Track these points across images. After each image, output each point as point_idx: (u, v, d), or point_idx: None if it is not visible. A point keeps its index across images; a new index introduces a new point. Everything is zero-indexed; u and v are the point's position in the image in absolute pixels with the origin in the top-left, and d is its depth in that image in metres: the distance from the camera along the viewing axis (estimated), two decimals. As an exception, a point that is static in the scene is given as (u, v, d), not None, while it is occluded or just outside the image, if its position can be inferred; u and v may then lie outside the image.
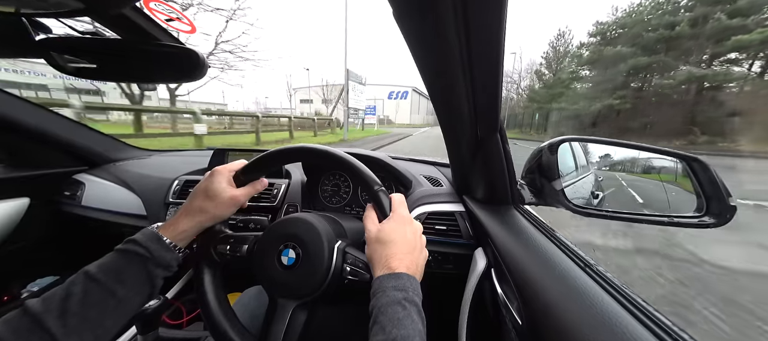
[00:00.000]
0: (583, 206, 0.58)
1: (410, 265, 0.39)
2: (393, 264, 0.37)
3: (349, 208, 0.92)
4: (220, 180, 0.46)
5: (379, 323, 0.32)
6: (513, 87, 35.14)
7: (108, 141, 1.17)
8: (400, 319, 0.32)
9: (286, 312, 0.41)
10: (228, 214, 0.46)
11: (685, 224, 0.53)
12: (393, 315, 0.32)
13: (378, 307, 0.33)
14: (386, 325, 0.32)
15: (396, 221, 0.42)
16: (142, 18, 0.45)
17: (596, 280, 0.37)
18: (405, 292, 0.34)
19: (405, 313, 0.33)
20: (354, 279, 0.42)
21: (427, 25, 0.33)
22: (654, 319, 0.29)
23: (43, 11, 0.40)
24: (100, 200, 0.99)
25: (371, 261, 0.40)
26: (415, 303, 0.34)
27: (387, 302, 0.33)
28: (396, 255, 0.38)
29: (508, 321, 0.45)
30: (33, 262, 1.02)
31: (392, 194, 0.46)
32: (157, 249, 0.39)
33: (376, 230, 0.41)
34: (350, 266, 0.42)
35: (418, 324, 0.33)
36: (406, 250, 0.40)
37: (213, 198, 0.44)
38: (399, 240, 0.40)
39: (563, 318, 0.33)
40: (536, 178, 0.62)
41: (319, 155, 0.48)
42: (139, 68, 0.51)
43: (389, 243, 0.39)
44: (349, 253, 0.44)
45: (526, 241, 0.49)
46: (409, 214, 0.45)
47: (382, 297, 0.34)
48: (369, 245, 0.41)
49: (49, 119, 0.96)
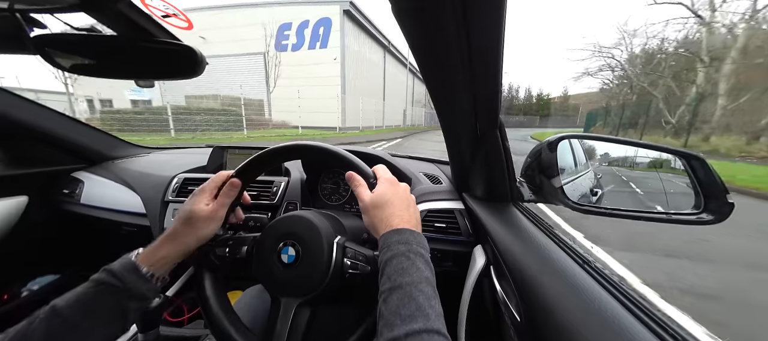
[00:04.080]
0: (582, 203, 0.58)
1: (410, 220, 0.40)
2: (394, 222, 0.39)
3: (348, 206, 0.92)
4: (198, 200, 0.44)
5: (385, 274, 0.34)
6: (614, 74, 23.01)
7: (107, 138, 1.16)
8: (405, 268, 0.34)
9: (289, 311, 0.41)
10: (210, 233, 0.44)
11: (683, 221, 0.53)
12: (398, 265, 0.34)
13: (384, 261, 0.35)
14: (392, 275, 0.33)
15: (386, 184, 0.44)
16: (138, 14, 0.44)
17: (595, 277, 0.37)
18: (408, 245, 0.36)
19: (409, 262, 0.34)
20: (355, 272, 0.42)
21: (427, 22, 0.33)
22: (652, 316, 0.30)
23: (38, 7, 0.39)
24: (99, 198, 0.98)
25: (372, 225, 0.41)
26: (419, 254, 0.36)
27: (392, 255, 0.35)
28: (395, 214, 0.40)
29: (507, 318, 0.45)
30: (32, 261, 1.02)
31: (374, 166, 0.47)
32: (133, 280, 0.37)
33: (371, 197, 0.42)
34: (351, 260, 0.42)
35: (423, 272, 0.34)
36: (402, 207, 0.41)
37: (190, 220, 0.43)
38: (395, 200, 0.42)
39: (562, 315, 0.33)
40: (535, 175, 0.62)
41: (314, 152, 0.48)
42: (136, 65, 0.51)
43: (386, 205, 0.41)
44: (348, 248, 0.44)
45: (525, 238, 0.49)
46: (393, 177, 0.46)
47: (387, 251, 0.36)
48: (366, 213, 0.42)
49: (47, 117, 0.96)
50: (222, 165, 1.06)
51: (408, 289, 0.32)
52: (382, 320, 0.31)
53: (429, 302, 0.31)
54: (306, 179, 0.93)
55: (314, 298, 0.42)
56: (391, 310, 0.31)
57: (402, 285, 0.32)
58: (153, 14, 0.45)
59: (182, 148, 1.41)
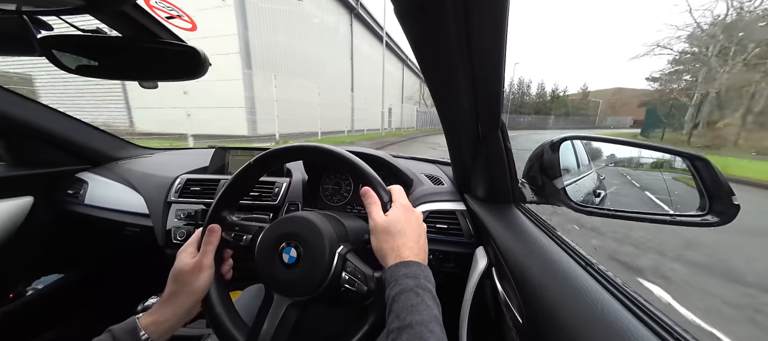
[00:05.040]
0: (585, 204, 0.58)
1: (419, 253, 0.39)
2: (404, 254, 0.38)
3: (349, 207, 0.92)
4: (182, 257, 0.44)
5: (393, 311, 0.33)
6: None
7: (110, 139, 1.17)
8: (414, 305, 0.32)
9: (280, 309, 0.42)
10: (203, 284, 0.44)
11: (688, 223, 0.53)
12: (406, 303, 0.33)
13: (392, 297, 0.34)
14: (401, 313, 0.32)
15: (401, 209, 0.42)
16: (143, 15, 0.45)
17: (597, 279, 0.37)
18: (416, 279, 0.35)
19: (418, 299, 0.33)
20: (350, 288, 0.41)
21: (428, 22, 0.33)
22: (655, 318, 0.29)
23: (45, 9, 0.40)
24: (103, 198, 0.99)
25: (381, 251, 0.40)
26: (427, 289, 0.35)
27: (400, 290, 0.34)
28: (406, 245, 0.39)
29: (509, 319, 0.45)
30: (37, 260, 1.03)
31: (391, 186, 0.46)
32: None
33: (384, 221, 0.40)
34: (349, 275, 0.42)
35: (432, 310, 0.33)
36: (414, 238, 0.40)
37: (179, 277, 0.42)
38: (407, 229, 0.40)
39: (564, 317, 0.33)
40: (537, 176, 0.61)
41: (320, 153, 0.48)
42: (140, 66, 0.51)
43: (398, 233, 0.39)
44: (349, 261, 0.43)
45: (527, 240, 0.49)
46: (409, 202, 0.45)
47: (395, 286, 0.35)
48: (377, 236, 0.40)
49: (52, 118, 0.97)
50: (224, 166, 1.06)
51: (418, 329, 0.31)
52: None
53: None
54: (307, 179, 0.93)
55: (306, 301, 0.43)
56: None
57: (412, 324, 0.31)
58: (157, 16, 0.46)
59: (185, 149, 1.42)
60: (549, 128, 41.86)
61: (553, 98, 49.70)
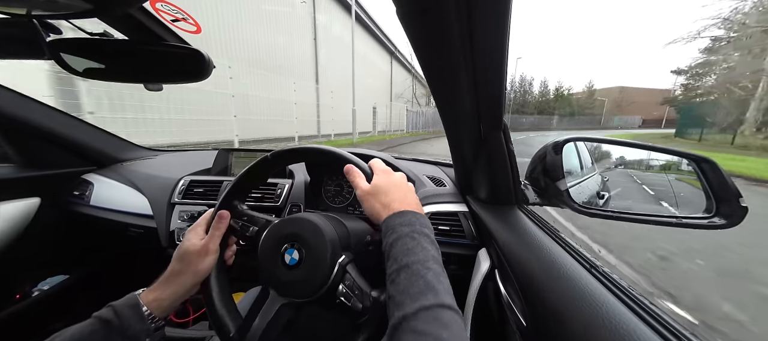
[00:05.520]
0: (588, 206, 0.57)
1: (411, 204, 0.41)
2: (395, 206, 0.39)
3: (352, 208, 0.92)
4: (190, 237, 0.44)
5: (391, 256, 0.34)
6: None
7: (115, 141, 1.19)
8: (411, 248, 0.34)
9: (274, 306, 0.43)
10: (206, 267, 0.44)
11: (694, 226, 0.52)
12: (403, 246, 0.34)
13: (389, 243, 0.35)
14: (398, 255, 0.33)
15: (382, 174, 0.44)
16: (149, 19, 0.46)
17: (602, 281, 0.36)
18: (412, 226, 0.36)
19: (414, 242, 0.34)
20: (345, 302, 0.41)
21: (431, 24, 0.33)
22: (662, 322, 0.29)
23: (54, 13, 0.41)
24: (108, 199, 1.00)
25: (373, 211, 0.41)
26: (424, 233, 0.36)
27: (396, 237, 0.35)
28: (395, 199, 0.40)
29: (513, 322, 0.44)
30: (44, 261, 1.04)
31: (370, 160, 0.47)
32: (129, 317, 0.37)
33: (369, 186, 0.42)
34: (346, 288, 0.42)
35: (429, 251, 0.34)
36: (402, 194, 0.42)
37: (184, 257, 0.43)
38: (392, 188, 0.42)
39: (569, 320, 0.32)
40: (540, 178, 0.61)
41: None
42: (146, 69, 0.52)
43: (384, 192, 0.41)
44: (348, 273, 0.43)
45: (530, 242, 0.49)
46: (389, 168, 0.46)
47: (392, 234, 0.36)
48: (366, 200, 0.42)
49: (59, 120, 0.98)
50: (227, 167, 1.07)
51: (415, 268, 0.32)
52: (392, 301, 0.31)
53: (437, 278, 0.31)
54: (310, 181, 0.93)
55: (301, 303, 0.43)
56: (399, 289, 0.31)
57: (408, 264, 0.32)
58: (163, 19, 0.47)
59: (188, 150, 1.43)
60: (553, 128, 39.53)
61: (556, 97, 46.94)
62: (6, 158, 0.95)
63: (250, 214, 0.50)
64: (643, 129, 46.85)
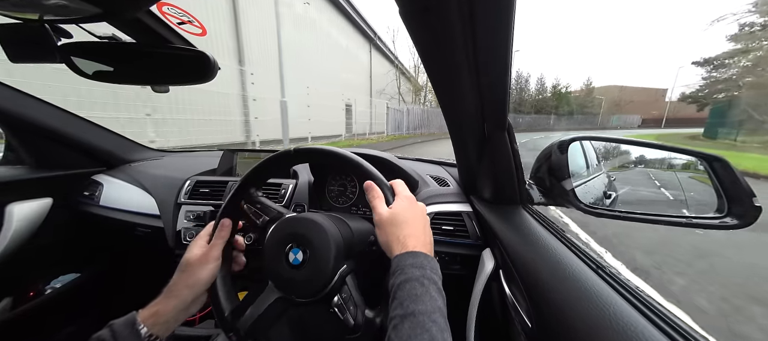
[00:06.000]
0: (595, 206, 0.56)
1: (425, 244, 0.39)
2: (410, 243, 0.38)
3: (355, 208, 0.92)
4: (192, 248, 0.44)
5: (397, 299, 0.33)
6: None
7: (124, 142, 1.21)
8: (419, 295, 0.32)
9: (269, 298, 0.44)
10: (207, 276, 0.44)
11: (705, 226, 0.51)
12: (411, 291, 0.33)
13: (397, 284, 0.34)
14: (404, 301, 0.32)
15: (404, 201, 0.42)
16: (156, 22, 0.46)
17: (609, 282, 0.36)
18: (422, 269, 0.35)
19: (423, 290, 0.33)
20: (338, 314, 0.41)
21: (433, 22, 0.33)
22: (671, 323, 0.28)
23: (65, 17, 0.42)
24: (117, 200, 1.02)
25: (386, 242, 0.40)
26: (433, 281, 0.35)
27: (405, 279, 0.34)
28: (412, 235, 0.39)
29: (517, 323, 0.44)
30: (56, 260, 1.07)
31: (392, 180, 0.46)
32: (125, 337, 0.37)
33: (388, 213, 0.41)
34: (341, 300, 0.42)
35: (436, 301, 0.33)
36: (419, 229, 0.40)
37: (184, 267, 0.43)
38: (411, 220, 0.40)
39: (575, 322, 0.32)
40: (545, 178, 0.60)
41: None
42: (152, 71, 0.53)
43: (403, 223, 0.39)
44: (346, 285, 0.43)
45: (535, 242, 0.48)
46: (412, 195, 0.45)
47: (401, 274, 0.35)
48: (382, 228, 0.40)
49: (69, 121, 1.01)
50: (232, 168, 1.08)
51: (421, 318, 0.30)
52: None
53: (442, 334, 0.30)
54: (313, 181, 0.94)
55: (295, 302, 0.44)
56: (402, 339, 0.29)
57: (415, 313, 0.31)
58: (169, 22, 0.47)
59: (194, 151, 1.46)
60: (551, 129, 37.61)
61: (554, 95, 44.76)
62: (19, 159, 0.98)
63: (263, 202, 0.50)
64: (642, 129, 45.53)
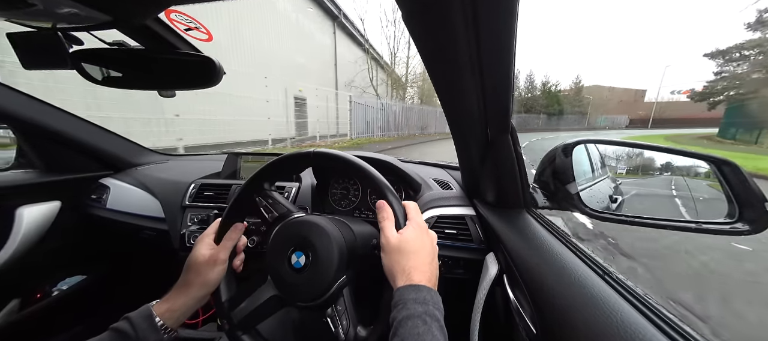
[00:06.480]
0: (600, 210, 0.55)
1: (431, 277, 0.38)
2: (415, 277, 0.36)
3: (358, 211, 0.92)
4: (199, 247, 0.45)
5: (399, 336, 0.32)
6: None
7: (130, 146, 1.23)
8: (421, 334, 0.31)
9: (264, 294, 0.44)
10: (215, 277, 0.44)
11: (715, 231, 0.50)
12: (413, 329, 0.32)
13: (399, 320, 0.33)
14: (405, 338, 0.31)
15: (416, 229, 0.41)
16: (164, 28, 0.48)
17: (616, 288, 0.35)
18: (425, 305, 0.34)
19: (425, 328, 0.32)
20: (330, 326, 0.41)
21: (435, 23, 0.33)
22: (681, 331, 0.27)
23: (77, 25, 0.43)
24: (123, 203, 1.04)
25: (390, 270, 0.39)
26: (436, 318, 0.34)
27: (408, 315, 0.33)
28: (417, 268, 0.37)
29: (522, 328, 0.43)
30: (63, 262, 1.08)
31: (406, 201, 0.45)
32: (144, 329, 0.38)
33: (397, 239, 0.39)
34: (335, 312, 0.42)
35: (438, 339, 0.32)
36: (426, 261, 0.39)
37: (192, 268, 0.44)
38: (420, 251, 0.39)
39: (581, 328, 0.31)
40: (550, 181, 0.60)
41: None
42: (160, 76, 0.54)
43: (411, 254, 0.38)
44: (342, 297, 0.43)
45: (539, 246, 0.48)
46: (424, 223, 0.44)
47: (403, 309, 0.34)
48: (388, 254, 0.39)
49: (78, 125, 1.03)
50: (235, 172, 1.09)
51: None
52: None
53: None
54: (316, 184, 0.94)
55: (291, 304, 0.44)
56: None
57: None
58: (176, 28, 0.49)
59: (199, 155, 1.47)
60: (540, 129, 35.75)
61: (544, 93, 42.88)
62: (30, 163, 1.00)
63: (275, 197, 0.50)
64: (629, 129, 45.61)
